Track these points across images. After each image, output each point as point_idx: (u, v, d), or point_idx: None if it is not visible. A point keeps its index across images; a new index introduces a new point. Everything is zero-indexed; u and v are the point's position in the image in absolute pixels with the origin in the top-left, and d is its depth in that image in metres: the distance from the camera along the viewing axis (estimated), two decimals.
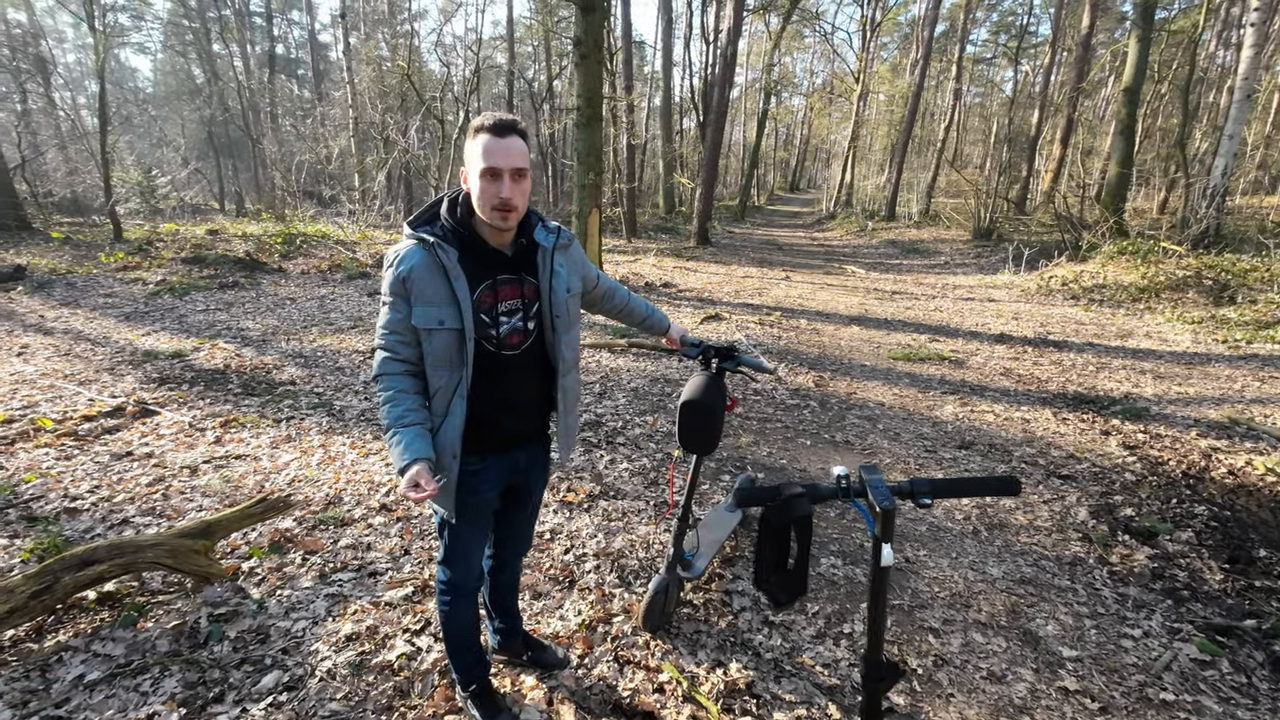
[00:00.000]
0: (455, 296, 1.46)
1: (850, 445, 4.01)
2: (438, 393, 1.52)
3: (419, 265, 1.45)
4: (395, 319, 1.48)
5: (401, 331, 1.48)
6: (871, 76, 29.00)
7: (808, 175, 54.99)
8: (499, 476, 1.66)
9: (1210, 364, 5.90)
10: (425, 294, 1.45)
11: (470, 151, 1.43)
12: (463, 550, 1.71)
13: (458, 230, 1.50)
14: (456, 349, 1.49)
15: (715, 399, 1.96)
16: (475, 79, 19.45)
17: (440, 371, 1.50)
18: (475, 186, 1.44)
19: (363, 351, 5.76)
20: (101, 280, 8.63)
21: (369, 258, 10.72)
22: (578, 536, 2.82)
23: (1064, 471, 3.65)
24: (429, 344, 1.48)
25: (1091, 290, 9.54)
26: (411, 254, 1.46)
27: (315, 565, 2.55)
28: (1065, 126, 19.54)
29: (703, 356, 2.05)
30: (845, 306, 8.69)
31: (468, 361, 1.49)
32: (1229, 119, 10.98)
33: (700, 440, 2.02)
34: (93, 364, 5.16)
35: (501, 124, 1.41)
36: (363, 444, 3.79)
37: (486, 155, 1.40)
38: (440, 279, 1.46)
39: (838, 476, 1.08)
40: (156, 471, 3.36)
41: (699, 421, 1.98)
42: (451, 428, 1.52)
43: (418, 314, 1.45)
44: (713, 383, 1.98)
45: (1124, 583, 2.63)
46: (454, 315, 1.46)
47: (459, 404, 1.51)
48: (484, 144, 1.41)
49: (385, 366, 1.51)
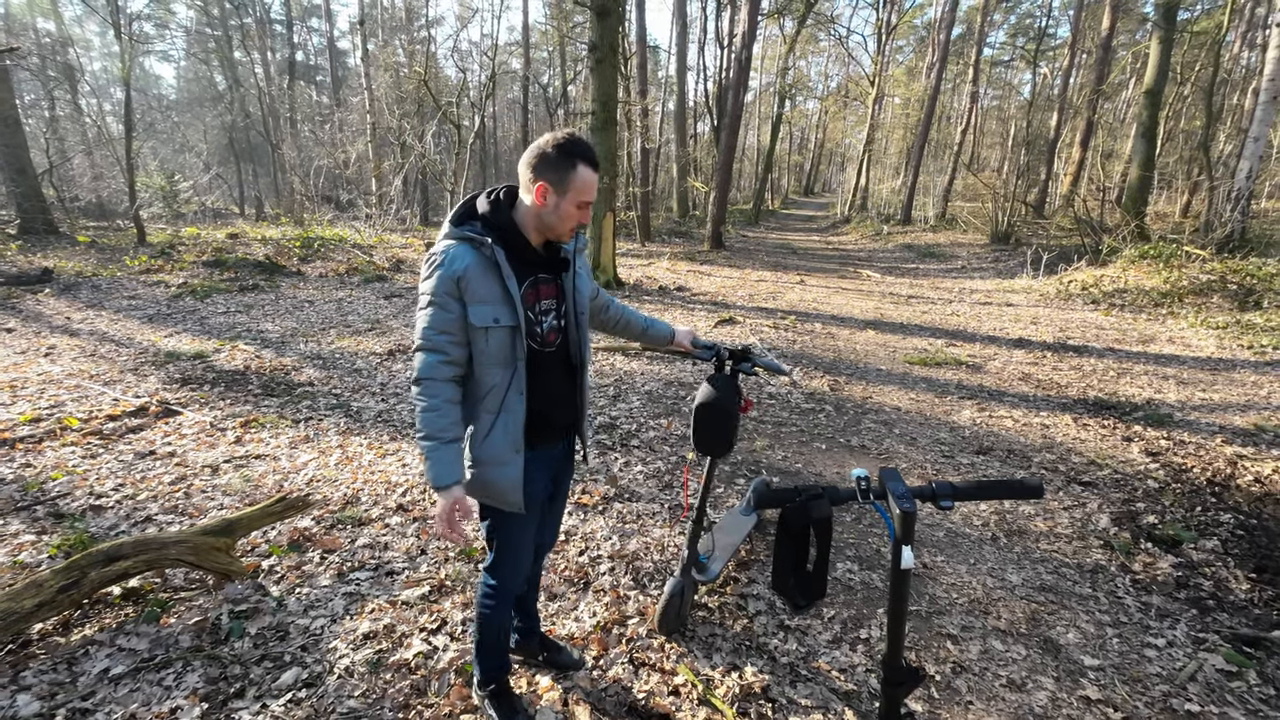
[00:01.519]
0: (509, 294, 1.49)
1: (866, 449, 3.98)
2: (491, 391, 1.54)
3: (473, 265, 1.47)
4: (446, 319, 1.48)
5: (454, 331, 1.49)
6: (887, 80, 28.85)
7: (822, 179, 54.77)
8: (548, 468, 1.72)
9: (1235, 370, 5.78)
10: (480, 293, 1.47)
11: (564, 176, 1.48)
12: (514, 550, 1.72)
13: (502, 229, 1.53)
14: (510, 346, 1.52)
15: (730, 401, 1.96)
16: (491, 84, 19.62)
17: (494, 370, 1.53)
18: (562, 210, 1.51)
19: (380, 354, 5.82)
20: (125, 283, 8.80)
21: (385, 261, 10.83)
22: (593, 539, 2.82)
23: (1085, 478, 3.59)
24: (484, 343, 1.50)
25: (1112, 295, 9.40)
26: (463, 253, 1.48)
27: (333, 564, 2.58)
28: (1085, 129, 19.30)
29: (716, 358, 2.05)
30: (861, 311, 8.64)
31: (521, 357, 1.53)
32: (1255, 121, 10.77)
33: (715, 443, 2.02)
34: (117, 365, 5.26)
35: (595, 157, 1.51)
36: (380, 445, 3.83)
37: (586, 189, 1.49)
38: (494, 277, 1.49)
39: (857, 478, 1.08)
40: (178, 470, 3.42)
41: (714, 424, 1.98)
42: (513, 423, 1.55)
43: (474, 313, 1.47)
44: (727, 385, 1.98)
45: (1147, 591, 2.59)
46: (509, 313, 1.49)
47: (516, 399, 1.55)
48: (584, 177, 1.49)
49: (433, 370, 1.49)
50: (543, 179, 1.48)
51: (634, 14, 19.31)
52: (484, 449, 1.56)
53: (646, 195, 17.18)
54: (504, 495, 1.58)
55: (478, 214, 1.56)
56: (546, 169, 1.48)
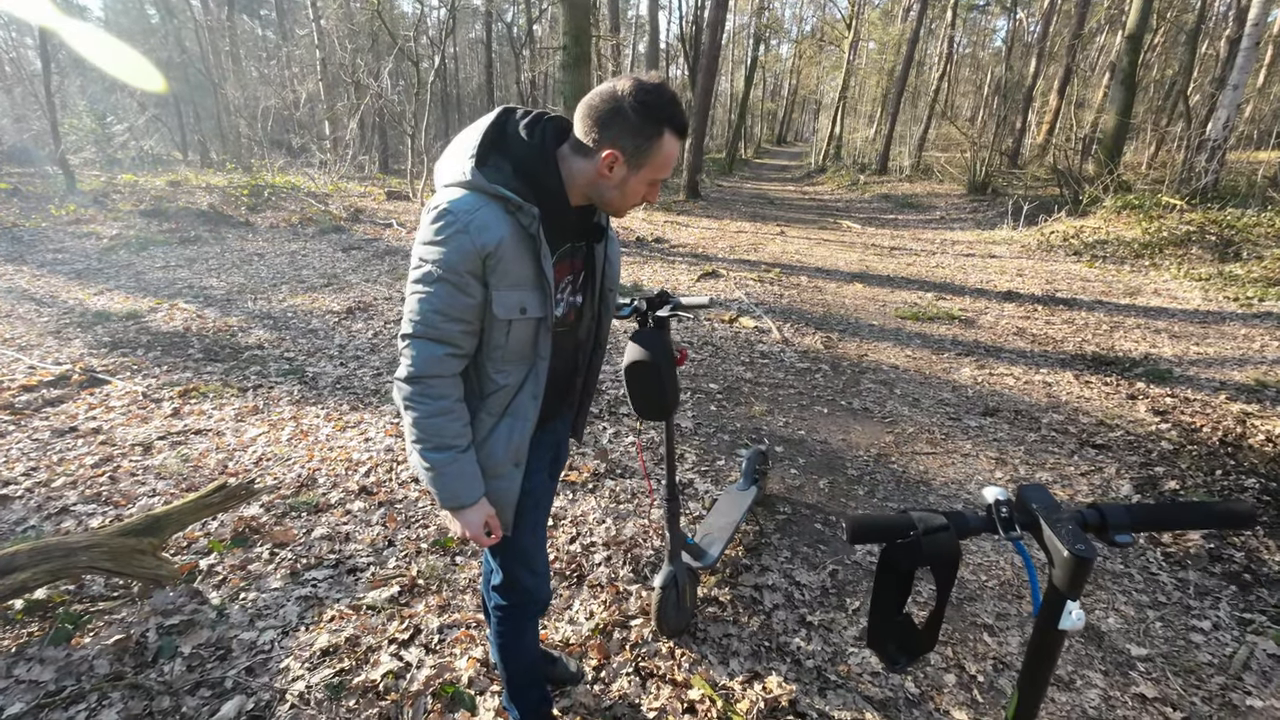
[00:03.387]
0: (543, 277, 1.12)
1: (869, 413, 3.74)
2: (500, 391, 1.18)
3: (509, 239, 1.07)
4: (463, 304, 1.09)
5: (471, 320, 1.11)
6: (863, 23, 27.93)
7: (795, 128, 53.75)
8: (546, 455, 1.40)
9: (1225, 323, 5.70)
10: (510, 276, 1.10)
11: (645, 146, 1.08)
12: (524, 558, 1.38)
13: (542, 184, 1.11)
14: (532, 341, 1.17)
15: (660, 356, 1.65)
16: (451, 20, 18.27)
17: (508, 368, 1.18)
18: (630, 186, 1.13)
19: (338, 312, 5.34)
20: (51, 234, 7.98)
21: (342, 211, 10.10)
22: (584, 522, 2.53)
23: (1097, 440, 3.42)
24: (503, 337, 1.14)
25: (1094, 246, 9.29)
26: (494, 220, 1.06)
27: (286, 561, 2.23)
28: (1063, 76, 19.00)
29: (635, 313, 1.74)
30: (845, 263, 8.36)
31: (544, 355, 1.18)
32: (1235, 68, 10.58)
33: (655, 405, 1.73)
34: (36, 327, 4.68)
35: (686, 122, 1.12)
36: (339, 416, 3.44)
37: (666, 165, 1.12)
38: (528, 255, 1.11)
39: (997, 501, 0.78)
40: (104, 450, 2.99)
41: (648, 384, 1.69)
42: (519, 431, 1.21)
43: (499, 300, 1.10)
44: (655, 338, 1.67)
45: (1181, 566, 2.42)
46: (538, 301, 1.13)
47: (528, 404, 1.20)
48: (669, 150, 1.11)
49: (439, 365, 1.11)
50: (615, 146, 1.07)
51: None
52: (478, 455, 1.22)
53: None
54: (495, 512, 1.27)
55: (511, 150, 1.12)
56: (622, 133, 1.06)
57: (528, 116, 1.15)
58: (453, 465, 1.14)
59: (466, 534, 1.20)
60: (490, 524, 1.23)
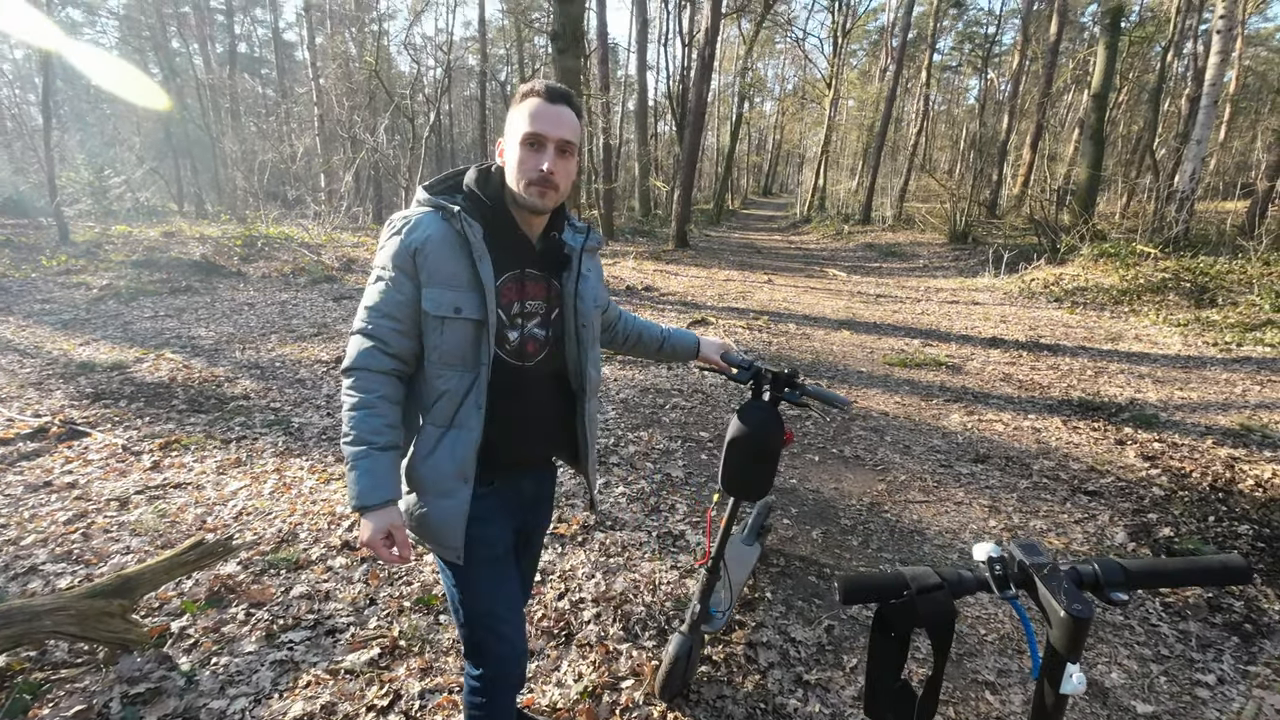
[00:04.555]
0: (479, 279, 1.18)
1: (860, 460, 3.72)
2: (442, 398, 1.20)
3: (437, 237, 1.18)
4: (394, 300, 1.18)
5: (400, 318, 1.18)
6: (842, 82, 29.19)
7: (780, 180, 55.36)
8: (508, 508, 1.34)
9: (1206, 368, 5.79)
10: (441, 273, 1.18)
11: (514, 116, 1.22)
12: (490, 620, 1.30)
13: (485, 204, 1.24)
14: (473, 345, 1.19)
15: (772, 436, 1.59)
16: (446, 79, 18.93)
17: (449, 372, 1.20)
18: (514, 155, 1.21)
19: (326, 361, 5.31)
20: (40, 285, 7.96)
21: (335, 260, 10.18)
22: (573, 577, 2.46)
23: (1089, 487, 3.42)
24: (439, 337, 1.18)
25: (1074, 293, 9.51)
26: (428, 221, 1.20)
27: (261, 622, 2.14)
28: (1035, 132, 19.83)
29: (755, 381, 1.66)
30: (832, 310, 8.48)
31: (486, 360, 1.19)
32: (1197, 124, 11.11)
33: (750, 485, 1.66)
34: (18, 378, 4.62)
35: (554, 90, 1.21)
36: (323, 468, 3.38)
37: (533, 119, 1.18)
38: (462, 257, 1.19)
39: (990, 559, 0.76)
40: (78, 505, 2.90)
41: (753, 464, 1.62)
42: (464, 443, 1.20)
43: (429, 297, 1.17)
44: (768, 415, 1.60)
45: (1181, 617, 2.38)
46: (475, 303, 1.18)
47: (473, 414, 1.20)
48: (531, 107, 1.19)
49: (367, 359, 1.18)
50: (499, 138, 1.27)
51: (594, 9, 18.92)
52: (424, 470, 1.22)
53: (610, 193, 16.82)
54: (439, 534, 1.23)
55: (463, 186, 1.28)
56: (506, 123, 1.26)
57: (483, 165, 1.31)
58: (364, 460, 1.15)
59: (364, 539, 1.16)
60: (396, 536, 1.18)
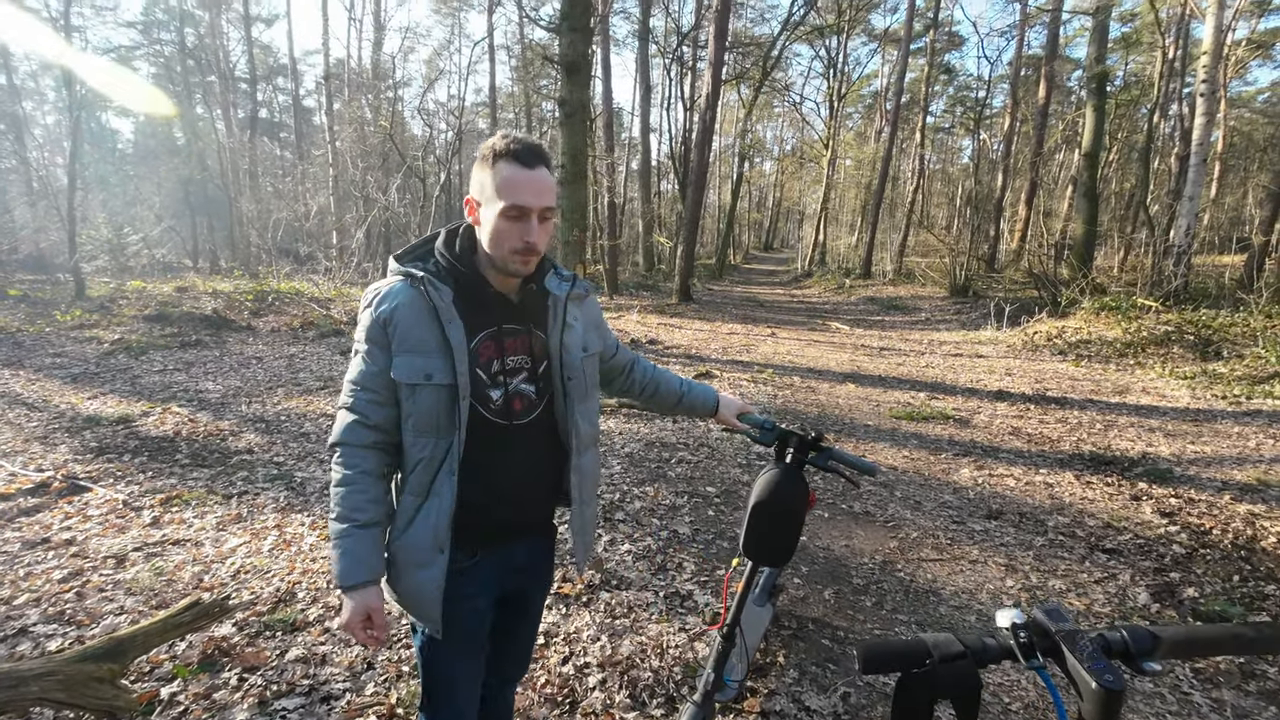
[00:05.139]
0: (448, 344, 1.16)
1: (871, 517, 3.65)
2: (418, 466, 1.19)
3: (404, 305, 1.17)
4: (369, 373, 1.19)
5: (376, 389, 1.18)
6: (839, 143, 30.21)
7: (781, 235, 56.51)
8: (493, 578, 1.29)
9: (1217, 421, 5.73)
10: (410, 340, 1.16)
11: (485, 181, 1.16)
12: (448, 685, 1.30)
13: (455, 267, 1.22)
14: (446, 411, 1.17)
15: (797, 500, 1.56)
16: (458, 142, 19.70)
17: (423, 440, 1.18)
18: (491, 225, 1.17)
19: (331, 415, 5.31)
20: (53, 339, 8.08)
21: (343, 315, 10.32)
22: (577, 640, 2.38)
23: (1107, 544, 3.33)
24: (412, 404, 1.17)
25: (1077, 345, 9.52)
26: (396, 291, 1.19)
27: (255, 688, 2.07)
28: (1029, 189, 20.35)
29: (779, 443, 1.65)
30: (837, 363, 8.49)
31: (460, 425, 1.17)
32: (1188, 181, 11.37)
33: (775, 551, 1.62)
34: (24, 432, 4.62)
35: (529, 150, 1.14)
36: (324, 524, 3.32)
37: (512, 190, 1.13)
38: (430, 322, 1.17)
39: (1013, 625, 0.74)
40: (75, 563, 2.85)
41: (777, 528, 1.58)
42: (437, 511, 1.18)
43: (399, 365, 1.16)
44: (792, 479, 1.58)
45: (1213, 684, 2.27)
46: (444, 368, 1.16)
47: (446, 481, 1.18)
48: (508, 175, 1.13)
49: (349, 434, 1.20)
50: (471, 194, 1.21)
51: (600, 75, 19.83)
52: (401, 542, 1.20)
53: (614, 249, 17.18)
54: (420, 607, 1.21)
55: (432, 247, 1.27)
56: (473, 181, 1.20)
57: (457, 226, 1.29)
58: (346, 539, 1.15)
59: (342, 620, 1.15)
60: (374, 619, 1.17)
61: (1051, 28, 19.21)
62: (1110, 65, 19.35)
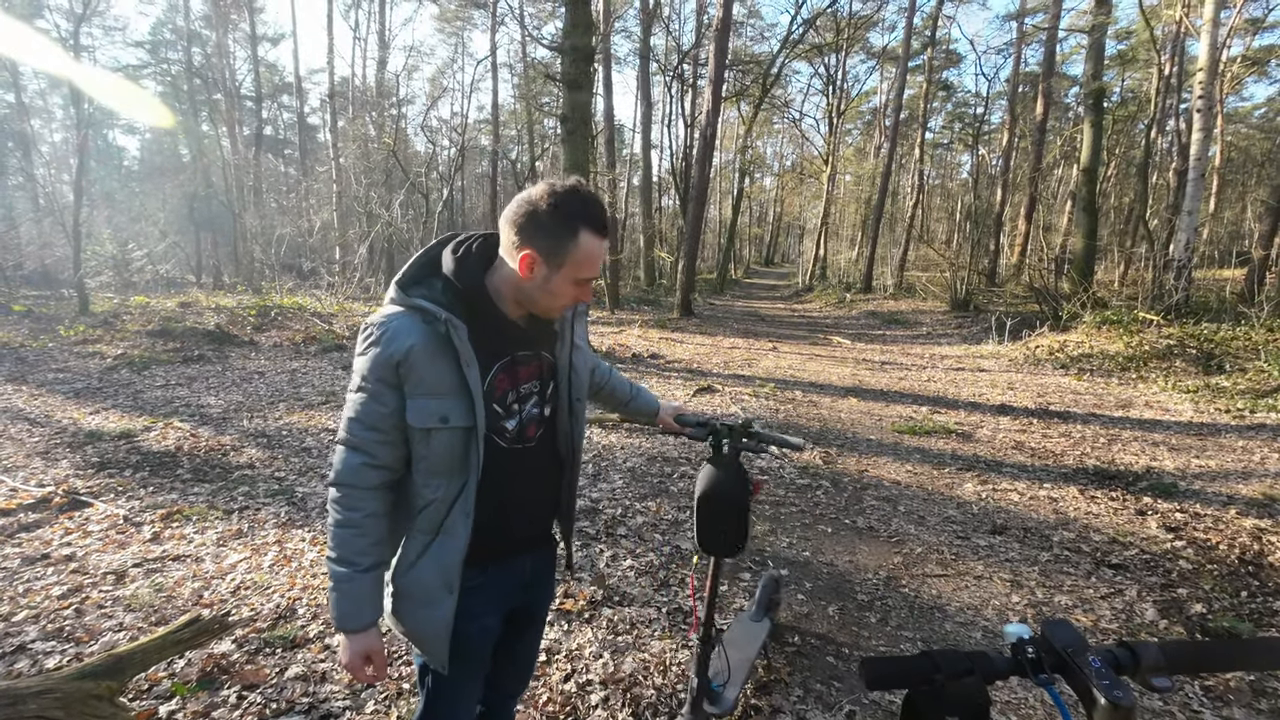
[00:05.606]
0: (466, 386, 1.11)
1: (875, 532, 3.62)
2: (429, 507, 1.16)
3: (419, 346, 1.10)
4: (377, 413, 1.12)
5: (386, 430, 1.12)
6: (839, 159, 30.46)
7: (781, 250, 56.79)
8: (501, 594, 1.29)
9: (1221, 435, 5.71)
10: (426, 383, 1.11)
11: (561, 247, 1.11)
12: (448, 704, 1.28)
13: (467, 296, 1.15)
14: (462, 452, 1.14)
15: (735, 489, 1.59)
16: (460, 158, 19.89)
17: (436, 481, 1.15)
18: (554, 286, 1.14)
19: (334, 430, 5.30)
20: (56, 354, 8.11)
21: (345, 329, 10.36)
22: (579, 657, 2.36)
23: (1113, 559, 3.30)
24: (425, 448, 1.13)
25: (1079, 359, 9.51)
26: (407, 329, 1.10)
27: (254, 706, 2.05)
28: (1028, 204, 20.45)
29: (713, 437, 1.69)
30: (838, 377, 8.49)
31: (475, 467, 1.14)
32: (1187, 196, 11.42)
33: (724, 541, 1.65)
34: (26, 447, 4.63)
35: (604, 221, 1.13)
36: (325, 539, 3.31)
37: (592, 263, 1.13)
38: (447, 363, 1.11)
39: (1019, 640, 0.74)
40: (74, 579, 2.84)
41: (720, 518, 1.62)
42: (450, 552, 1.16)
43: (414, 410, 1.11)
44: (730, 469, 1.61)
45: (1224, 702, 2.24)
46: (462, 410, 1.12)
47: (460, 521, 1.15)
48: (589, 249, 1.12)
49: (356, 476, 1.13)
50: (531, 246, 1.11)
51: (601, 92, 20.05)
52: (407, 580, 1.18)
53: (616, 264, 17.26)
54: (427, 644, 1.19)
55: (440, 271, 1.18)
56: (538, 234, 1.10)
57: (463, 242, 1.21)
58: (348, 584, 1.13)
59: (343, 662, 1.15)
60: (374, 660, 1.16)
61: (1048, 45, 19.44)
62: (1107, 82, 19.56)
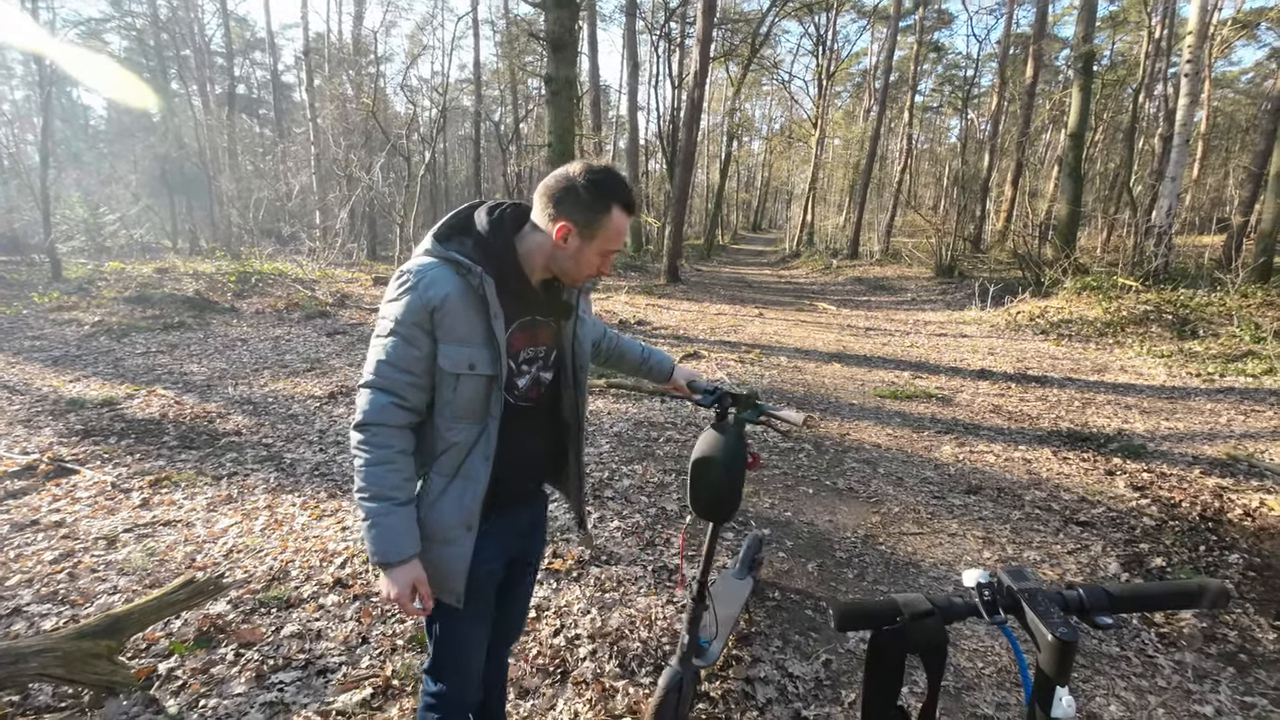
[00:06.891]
0: (493, 336, 1.21)
1: (854, 493, 3.74)
2: (450, 450, 1.23)
3: (455, 295, 1.18)
4: (411, 356, 1.18)
5: (418, 373, 1.20)
6: (828, 122, 30.07)
7: (769, 216, 56.38)
8: (504, 541, 1.38)
9: (1191, 398, 5.89)
10: (458, 331, 1.19)
11: (595, 220, 1.22)
12: (460, 649, 1.36)
13: (499, 257, 1.24)
14: (483, 399, 1.22)
15: (734, 456, 1.65)
16: (442, 119, 19.37)
17: (459, 425, 1.23)
18: (584, 257, 1.25)
19: (319, 397, 5.30)
20: (31, 321, 7.95)
21: (328, 296, 10.23)
22: (568, 613, 2.44)
23: (1081, 517, 3.44)
24: (451, 392, 1.21)
25: (1059, 325, 9.67)
26: (444, 278, 1.18)
27: (252, 663, 2.11)
28: (1015, 169, 20.43)
29: (718, 405, 1.75)
30: (823, 343, 8.57)
31: (495, 414, 1.23)
32: (1171, 162, 11.48)
33: (717, 505, 1.71)
34: (6, 415, 4.58)
35: (633, 199, 1.27)
36: (315, 504, 3.35)
37: (617, 237, 1.26)
38: (478, 314, 1.20)
39: (978, 584, 0.79)
40: (65, 544, 2.86)
41: (716, 483, 1.68)
42: (471, 493, 1.24)
43: (445, 354, 1.19)
44: (731, 437, 1.67)
45: (1176, 647, 2.38)
46: (488, 359, 1.21)
47: (479, 465, 1.23)
48: (618, 224, 1.24)
49: (385, 414, 1.19)
50: (568, 218, 1.21)
51: (586, 53, 19.53)
52: (427, 518, 1.24)
53: None
54: (443, 580, 1.26)
55: (473, 230, 1.26)
56: (574, 207, 1.21)
57: (497, 207, 1.30)
58: (387, 518, 1.17)
59: (390, 595, 1.20)
60: (420, 590, 1.22)
61: (1040, 5, 19.18)
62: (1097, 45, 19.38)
